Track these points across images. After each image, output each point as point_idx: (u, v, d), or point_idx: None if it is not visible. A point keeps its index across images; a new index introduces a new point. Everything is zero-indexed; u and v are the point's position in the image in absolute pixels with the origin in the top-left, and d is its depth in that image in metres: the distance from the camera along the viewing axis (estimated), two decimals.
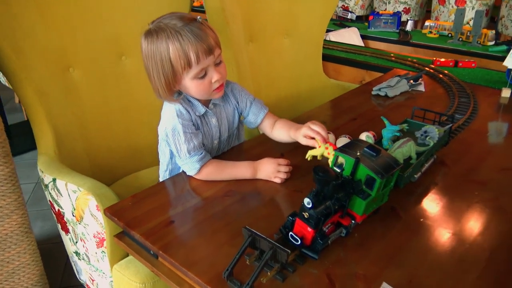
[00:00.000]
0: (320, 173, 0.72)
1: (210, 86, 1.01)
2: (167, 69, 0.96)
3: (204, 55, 0.96)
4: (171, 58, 0.95)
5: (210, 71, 1.00)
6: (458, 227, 0.89)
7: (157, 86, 1.00)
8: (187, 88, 1.02)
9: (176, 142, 1.02)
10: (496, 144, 1.26)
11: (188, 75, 0.98)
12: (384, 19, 3.56)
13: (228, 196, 0.99)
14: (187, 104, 1.05)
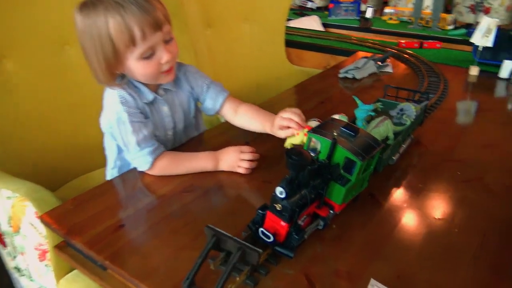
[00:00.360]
0: (294, 157, 0.61)
1: (158, 68, 0.88)
2: (107, 48, 0.82)
3: (151, 31, 0.82)
4: (111, 34, 0.81)
5: (159, 50, 0.86)
6: (444, 211, 0.80)
7: (96, 68, 0.85)
8: (131, 70, 0.88)
9: (122, 134, 0.89)
10: (471, 122, 1.20)
11: (133, 55, 0.84)
12: (344, 7, 3.51)
13: (188, 192, 0.86)
14: (132, 89, 0.91)
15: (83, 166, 1.51)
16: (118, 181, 0.93)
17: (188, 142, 1.06)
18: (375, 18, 3.55)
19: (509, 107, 1.36)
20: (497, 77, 1.54)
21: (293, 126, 0.92)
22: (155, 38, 0.84)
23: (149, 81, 0.92)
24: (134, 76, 0.90)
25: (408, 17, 3.34)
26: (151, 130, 0.92)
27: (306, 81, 1.52)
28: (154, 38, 0.83)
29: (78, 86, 1.44)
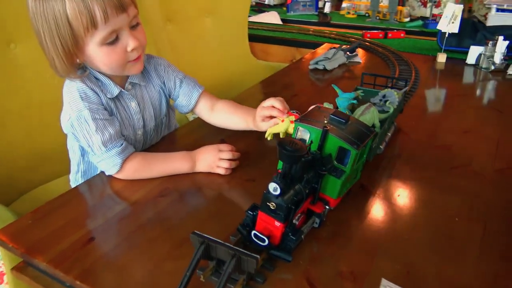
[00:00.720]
0: (288, 147, 0.55)
1: (124, 56, 0.78)
2: (65, 31, 0.72)
3: (114, 12, 0.72)
4: (69, 15, 0.71)
5: (124, 36, 0.77)
6: (441, 200, 0.76)
7: (53, 57, 0.75)
8: (93, 58, 0.78)
9: (85, 134, 0.79)
10: (447, 108, 1.18)
11: (94, 40, 0.74)
12: (302, 2, 3.48)
13: (163, 196, 0.78)
14: (94, 83, 0.81)
15: (41, 176, 1.39)
16: (83, 188, 0.82)
17: (159, 142, 0.97)
18: (333, 12, 3.55)
19: (480, 92, 1.36)
20: (464, 63, 1.54)
21: (276, 114, 0.85)
22: (120, 21, 0.74)
23: (113, 72, 0.82)
24: (96, 66, 0.80)
25: (365, 10, 3.37)
26: (118, 129, 0.82)
27: (274, 75, 1.46)
28: (118, 21, 0.74)
29: (28, 87, 1.32)
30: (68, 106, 0.79)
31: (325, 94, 1.27)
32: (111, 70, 0.81)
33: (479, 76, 1.45)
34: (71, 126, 0.80)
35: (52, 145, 1.40)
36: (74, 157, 0.91)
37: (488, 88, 1.37)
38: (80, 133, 0.79)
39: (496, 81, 1.40)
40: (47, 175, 1.41)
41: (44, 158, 1.40)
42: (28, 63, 1.30)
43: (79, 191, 0.82)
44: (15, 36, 1.28)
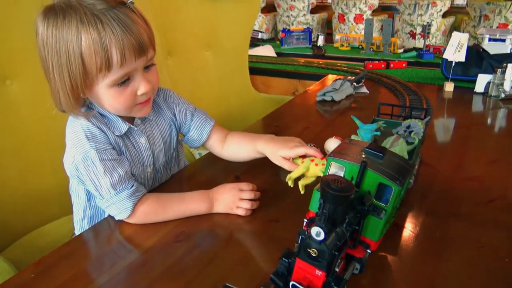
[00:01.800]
0: (333, 186, 0.48)
1: (133, 100, 0.73)
2: (75, 68, 0.66)
3: (132, 56, 0.68)
4: (83, 52, 0.66)
5: (137, 78, 0.72)
6: (485, 237, 0.70)
7: (57, 89, 0.70)
8: (99, 97, 0.72)
9: (92, 177, 0.72)
10: (466, 137, 1.14)
11: (105, 81, 0.69)
12: (296, 35, 3.51)
13: (179, 241, 0.70)
14: (99, 120, 0.75)
15: (36, 219, 1.30)
16: (89, 235, 0.74)
17: (169, 180, 0.90)
18: (327, 45, 3.58)
19: (495, 121, 1.32)
20: (472, 91, 1.51)
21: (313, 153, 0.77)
22: (136, 64, 0.70)
23: (118, 113, 0.76)
24: (100, 104, 0.74)
25: (359, 43, 3.40)
26: (127, 169, 0.75)
27: (281, 108, 1.42)
28: (134, 65, 0.69)
29: (24, 125, 1.25)
30: (73, 147, 0.73)
31: (337, 125, 1.22)
32: (116, 112, 0.76)
33: (490, 104, 1.42)
34: (76, 169, 0.73)
35: (47, 186, 1.32)
36: (79, 202, 0.84)
37: (503, 116, 1.34)
38: (87, 176, 0.72)
39: (508, 109, 1.37)
40: (42, 218, 1.33)
41: (38, 200, 1.32)
42: (24, 100, 1.24)
43: (85, 239, 0.74)
44: (11, 72, 1.22)
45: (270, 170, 0.90)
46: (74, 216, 0.87)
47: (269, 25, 5.41)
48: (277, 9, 5.05)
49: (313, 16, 5.08)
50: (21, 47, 1.22)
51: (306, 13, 5.02)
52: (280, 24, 5.16)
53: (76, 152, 0.72)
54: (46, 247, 1.25)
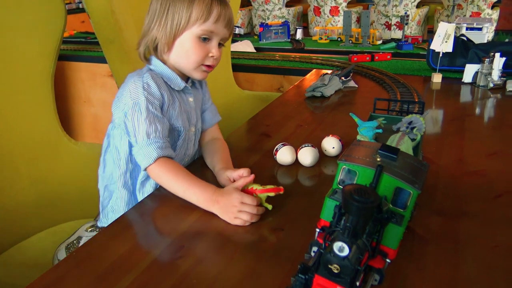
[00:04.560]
0: (357, 197, 0.44)
1: (204, 57, 0.89)
2: (186, 14, 0.85)
3: (222, 22, 0.87)
4: (195, 4, 0.85)
5: (213, 43, 0.89)
6: (499, 236, 0.67)
7: (155, 35, 0.88)
8: (182, 46, 0.88)
9: (135, 121, 0.83)
10: (461, 129, 1.12)
11: (195, 30, 0.86)
12: (274, 30, 3.46)
13: (181, 257, 0.65)
14: (159, 79, 0.88)
15: (13, 235, 1.23)
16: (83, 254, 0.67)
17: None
18: (306, 39, 3.55)
19: (487, 111, 1.31)
20: (460, 82, 1.50)
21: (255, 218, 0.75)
22: (220, 30, 0.88)
23: (186, 66, 0.90)
24: (178, 55, 0.89)
25: (338, 35, 3.38)
26: (165, 129, 0.86)
27: (270, 105, 1.37)
28: (219, 29, 0.87)
29: None
30: (128, 95, 0.84)
31: (330, 122, 1.18)
32: (187, 62, 0.89)
33: (479, 94, 1.41)
34: (125, 115, 0.84)
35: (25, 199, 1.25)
36: (120, 157, 0.91)
37: (493, 106, 1.33)
38: (131, 121, 0.83)
39: (497, 99, 1.36)
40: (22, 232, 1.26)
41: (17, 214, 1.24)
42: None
43: (78, 259, 0.67)
44: None
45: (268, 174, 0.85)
46: (114, 173, 0.93)
47: (245, 20, 5.35)
48: (252, 3, 5.00)
49: (289, 9, 5.05)
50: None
51: (281, 6, 4.99)
52: (256, 18, 5.10)
53: (129, 99, 0.84)
54: (28, 263, 1.18)
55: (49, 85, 1.27)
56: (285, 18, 5.10)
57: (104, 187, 0.97)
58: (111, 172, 0.95)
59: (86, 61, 2.23)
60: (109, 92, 2.23)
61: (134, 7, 1.35)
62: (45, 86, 1.27)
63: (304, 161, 0.92)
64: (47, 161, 1.30)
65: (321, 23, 4.92)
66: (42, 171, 1.29)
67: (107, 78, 2.19)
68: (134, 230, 0.73)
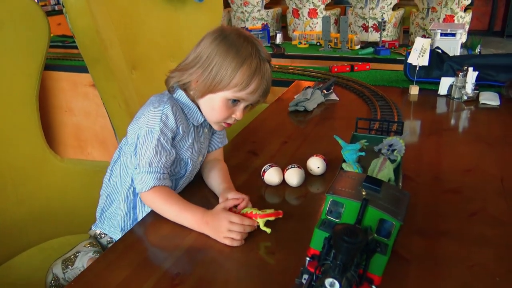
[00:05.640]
0: (346, 238, 0.48)
1: (227, 117, 0.93)
2: (226, 78, 0.86)
3: (257, 94, 0.89)
4: (238, 73, 0.86)
5: (239, 108, 0.92)
6: (475, 255, 0.73)
7: (191, 79, 0.89)
8: (211, 102, 0.91)
9: (144, 146, 0.86)
10: (438, 145, 1.18)
11: (228, 94, 0.88)
12: (254, 34, 3.49)
13: (177, 285, 0.68)
14: (181, 109, 0.92)
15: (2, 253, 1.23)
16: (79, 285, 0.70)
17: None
18: (285, 43, 3.59)
19: (463, 124, 1.38)
20: (436, 94, 1.57)
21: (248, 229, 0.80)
22: (251, 99, 0.90)
23: (210, 119, 0.95)
24: (205, 107, 0.92)
25: (317, 40, 3.44)
26: (170, 160, 0.89)
27: (255, 120, 1.40)
28: (250, 98, 0.90)
29: None
30: (145, 120, 0.87)
31: (314, 138, 1.23)
32: (210, 116, 0.94)
33: (453, 106, 1.48)
34: (138, 137, 0.87)
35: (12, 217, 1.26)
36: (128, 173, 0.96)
37: (467, 120, 1.40)
38: (140, 145, 0.87)
39: (471, 111, 1.43)
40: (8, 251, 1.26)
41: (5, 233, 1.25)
42: None
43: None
44: None
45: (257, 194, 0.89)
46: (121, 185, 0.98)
47: (224, 22, 5.36)
48: (231, 5, 5.01)
49: (268, 11, 5.08)
50: None
51: (260, 8, 5.02)
52: (235, 20, 5.12)
53: (145, 125, 0.87)
54: (19, 281, 1.19)
55: (33, 104, 1.28)
56: (264, 20, 5.14)
57: (106, 195, 1.01)
58: (115, 183, 0.99)
59: (67, 71, 2.22)
60: (91, 102, 2.22)
61: (119, 26, 1.37)
62: (30, 106, 1.27)
63: (291, 181, 0.95)
64: (34, 179, 1.30)
65: (300, 25, 4.97)
66: (29, 189, 1.29)
67: (89, 88, 2.18)
68: (130, 258, 0.75)
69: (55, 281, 1.03)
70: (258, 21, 5.15)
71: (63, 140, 2.35)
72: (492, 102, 1.44)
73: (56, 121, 2.33)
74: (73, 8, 1.17)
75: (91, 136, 2.29)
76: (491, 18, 6.88)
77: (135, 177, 0.87)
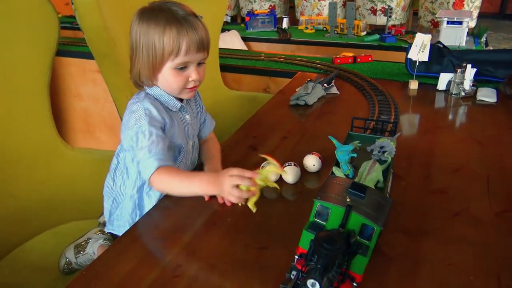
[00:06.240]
0: (326, 245, 0.54)
1: (184, 83, 0.97)
2: (158, 52, 0.92)
3: (194, 50, 0.93)
4: (165, 41, 0.91)
5: (191, 68, 0.96)
6: (454, 255, 0.78)
7: (138, 69, 0.96)
8: (163, 77, 0.96)
9: (138, 143, 0.92)
10: (431, 143, 1.22)
11: (171, 63, 0.94)
12: (261, 19, 3.51)
13: (178, 276, 0.75)
14: (156, 103, 0.97)
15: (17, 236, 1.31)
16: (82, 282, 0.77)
17: None
18: (292, 28, 3.60)
19: (458, 122, 1.42)
20: (435, 89, 1.60)
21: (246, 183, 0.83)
22: (194, 57, 0.94)
23: (172, 91, 0.99)
24: (163, 84, 0.98)
25: (323, 25, 3.44)
26: (166, 145, 0.95)
27: (257, 114, 1.45)
28: (192, 57, 0.94)
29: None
30: (133, 122, 0.94)
31: (313, 134, 1.28)
32: (170, 90, 0.98)
33: (451, 102, 1.52)
34: (131, 138, 0.93)
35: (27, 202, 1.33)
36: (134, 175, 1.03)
37: (463, 117, 1.43)
38: (136, 143, 0.92)
39: (468, 108, 1.47)
40: (23, 234, 1.34)
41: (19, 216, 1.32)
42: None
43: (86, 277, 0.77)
44: None
45: None
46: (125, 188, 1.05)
47: (231, 2, 5.34)
48: None
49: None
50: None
51: None
52: (242, 1, 5.10)
53: (134, 125, 0.93)
54: (32, 264, 1.27)
55: (45, 95, 1.34)
56: (272, 2, 5.11)
57: (112, 198, 1.08)
58: (119, 187, 1.06)
59: (76, 57, 2.27)
60: (99, 87, 2.28)
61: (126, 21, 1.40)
62: (42, 96, 1.33)
63: (287, 179, 1.01)
64: (46, 166, 1.37)
65: (308, 7, 4.94)
66: (41, 176, 1.37)
67: (97, 74, 2.23)
68: (134, 251, 0.82)
69: (67, 265, 1.11)
70: (266, 2, 5.12)
71: (73, 124, 2.42)
72: (489, 99, 1.48)
73: (65, 106, 2.39)
74: (82, 5, 1.21)
75: (99, 121, 2.36)
76: (502, 1, 6.77)
77: (140, 169, 0.93)
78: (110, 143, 2.35)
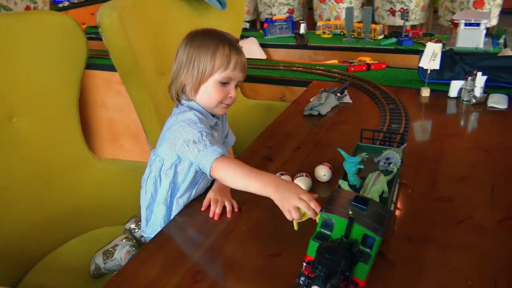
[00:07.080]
0: (327, 255, 0.61)
1: (223, 98, 1.06)
2: (209, 63, 1.01)
3: (239, 68, 1.04)
4: (217, 55, 1.01)
5: (231, 85, 1.06)
6: (454, 261, 0.83)
7: (183, 82, 1.05)
8: (205, 89, 1.04)
9: (198, 147, 0.96)
10: (440, 152, 1.26)
11: (217, 77, 1.03)
12: (278, 25, 3.57)
13: (198, 282, 0.82)
14: (200, 115, 1.04)
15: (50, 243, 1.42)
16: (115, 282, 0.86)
17: None
18: (309, 33, 3.65)
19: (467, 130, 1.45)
20: (447, 95, 1.64)
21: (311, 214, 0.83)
22: (237, 75, 1.05)
23: (209, 104, 1.07)
24: (202, 96, 1.05)
25: (341, 29, 3.48)
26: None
27: (272, 124, 1.52)
28: (236, 74, 1.05)
29: (34, 157, 1.39)
30: (184, 129, 0.98)
31: (325, 144, 1.34)
32: (209, 101, 1.06)
33: (462, 109, 1.55)
34: (186, 145, 0.97)
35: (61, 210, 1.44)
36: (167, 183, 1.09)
37: (472, 124, 1.47)
38: (192, 149, 0.96)
39: (478, 115, 1.50)
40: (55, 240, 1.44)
41: (54, 224, 1.43)
42: (33, 135, 1.33)
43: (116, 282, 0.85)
44: (17, 109, 1.31)
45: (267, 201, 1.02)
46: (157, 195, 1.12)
47: (250, 7, 5.43)
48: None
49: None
50: (26, 86, 1.30)
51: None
52: (261, 5, 5.18)
53: (187, 131, 0.98)
54: (65, 268, 1.37)
55: (75, 111, 1.44)
56: (291, 6, 5.17)
57: (146, 207, 1.15)
58: (151, 195, 1.13)
59: (101, 69, 2.38)
60: (124, 98, 2.38)
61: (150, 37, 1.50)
62: (72, 112, 1.44)
63: None
64: (76, 177, 1.48)
65: (326, 10, 4.97)
66: (71, 186, 1.47)
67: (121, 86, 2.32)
68: (159, 257, 0.90)
69: (97, 270, 1.20)
70: (284, 6, 5.19)
71: (99, 133, 2.54)
72: (500, 105, 1.51)
73: (92, 116, 2.51)
74: (108, 29, 1.31)
75: (124, 130, 2.47)
76: None
77: (201, 163, 0.94)
78: (134, 151, 2.46)
